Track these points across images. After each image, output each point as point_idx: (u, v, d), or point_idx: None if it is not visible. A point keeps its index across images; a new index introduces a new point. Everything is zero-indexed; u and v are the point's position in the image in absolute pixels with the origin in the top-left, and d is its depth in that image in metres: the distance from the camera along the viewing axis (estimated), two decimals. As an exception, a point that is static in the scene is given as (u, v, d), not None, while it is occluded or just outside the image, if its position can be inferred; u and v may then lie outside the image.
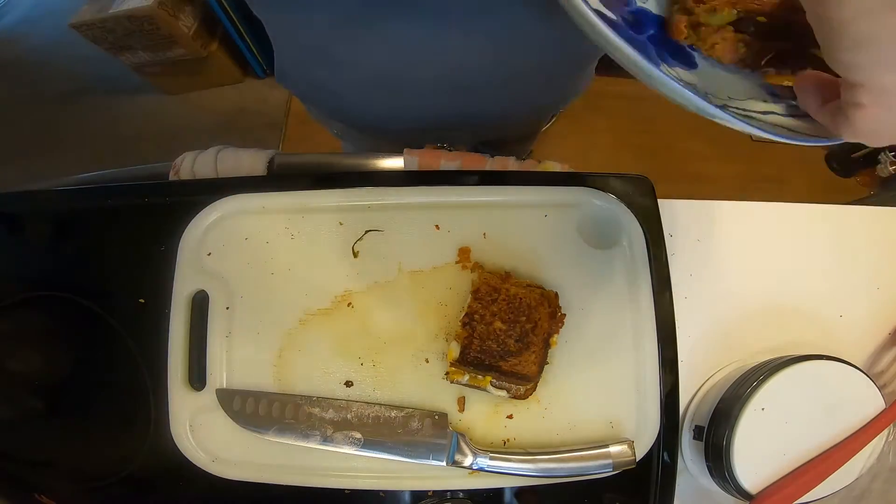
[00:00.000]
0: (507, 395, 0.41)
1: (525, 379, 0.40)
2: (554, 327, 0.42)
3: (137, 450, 0.44)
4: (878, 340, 0.51)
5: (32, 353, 0.47)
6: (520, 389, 0.41)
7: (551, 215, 0.48)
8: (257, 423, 0.41)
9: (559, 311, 0.43)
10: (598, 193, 0.49)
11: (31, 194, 0.52)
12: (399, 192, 0.49)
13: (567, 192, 0.49)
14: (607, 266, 0.47)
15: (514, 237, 0.48)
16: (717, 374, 0.49)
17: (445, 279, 0.46)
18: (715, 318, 0.50)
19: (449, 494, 0.42)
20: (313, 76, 0.58)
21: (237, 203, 0.47)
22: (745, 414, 0.42)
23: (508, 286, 0.41)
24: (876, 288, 0.52)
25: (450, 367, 0.41)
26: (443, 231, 0.48)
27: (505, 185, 0.49)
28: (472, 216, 0.48)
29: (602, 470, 0.39)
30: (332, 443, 0.40)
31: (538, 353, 0.40)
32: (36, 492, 0.43)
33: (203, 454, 0.42)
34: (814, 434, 0.43)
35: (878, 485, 0.44)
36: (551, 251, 0.47)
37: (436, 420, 0.41)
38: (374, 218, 0.48)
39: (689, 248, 0.52)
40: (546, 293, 0.42)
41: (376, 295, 0.46)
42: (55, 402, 0.46)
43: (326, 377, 0.44)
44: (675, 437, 0.44)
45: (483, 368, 0.40)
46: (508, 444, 0.42)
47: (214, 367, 0.44)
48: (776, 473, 0.42)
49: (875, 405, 0.43)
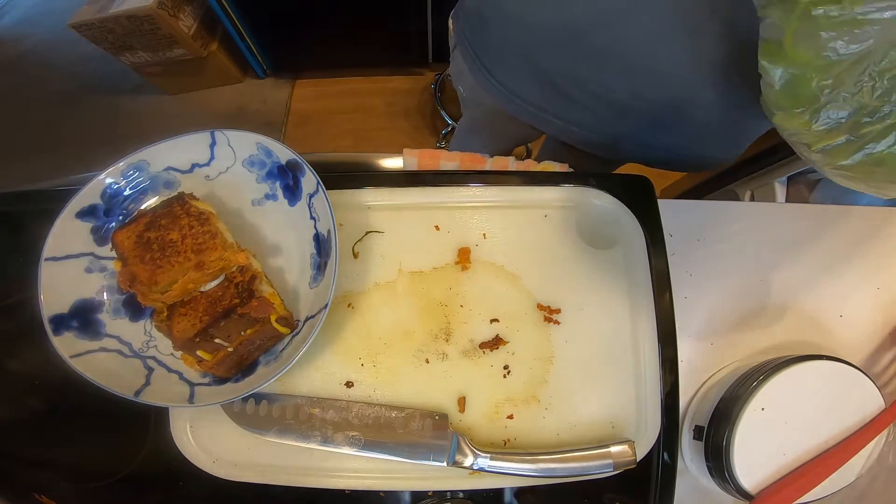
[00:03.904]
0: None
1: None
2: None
3: (137, 450, 0.44)
4: (878, 340, 0.51)
5: (33, 352, 0.47)
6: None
7: (551, 215, 0.48)
8: (258, 425, 0.41)
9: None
10: (598, 193, 0.49)
11: (31, 194, 0.52)
12: (399, 192, 0.49)
13: (567, 192, 0.49)
14: (607, 266, 0.47)
15: (514, 237, 0.48)
16: (717, 374, 0.49)
17: (445, 279, 0.46)
18: (715, 318, 0.50)
19: (449, 495, 0.42)
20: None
21: (237, 203, 0.47)
22: (745, 414, 0.42)
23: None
24: (876, 288, 0.52)
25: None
26: (443, 231, 0.48)
27: (505, 186, 0.49)
28: (471, 216, 0.48)
29: (602, 470, 0.39)
30: (333, 443, 0.40)
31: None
32: (36, 492, 0.43)
33: (203, 454, 0.42)
34: (814, 434, 0.43)
35: (878, 485, 0.44)
36: (551, 251, 0.47)
37: (436, 420, 0.41)
38: (374, 219, 0.48)
39: (689, 248, 0.52)
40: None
41: (376, 295, 0.46)
42: (55, 402, 0.46)
43: (327, 378, 0.44)
44: (675, 437, 0.44)
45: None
46: (509, 444, 0.42)
47: (214, 367, 0.44)
48: (776, 473, 0.42)
49: (875, 405, 0.43)
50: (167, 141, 0.44)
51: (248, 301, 0.38)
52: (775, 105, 0.33)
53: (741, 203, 0.53)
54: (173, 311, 0.39)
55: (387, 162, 0.57)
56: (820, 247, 0.53)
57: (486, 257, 0.47)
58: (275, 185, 0.46)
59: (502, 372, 0.44)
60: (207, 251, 0.39)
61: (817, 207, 0.54)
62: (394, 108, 1.83)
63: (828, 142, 0.31)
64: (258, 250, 0.44)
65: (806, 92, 0.30)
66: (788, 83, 0.30)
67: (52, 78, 1.89)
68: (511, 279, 0.46)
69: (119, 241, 0.40)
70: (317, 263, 0.44)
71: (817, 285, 0.51)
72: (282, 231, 0.45)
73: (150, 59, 1.64)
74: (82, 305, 0.41)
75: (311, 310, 0.42)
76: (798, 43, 0.29)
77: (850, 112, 0.29)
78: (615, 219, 0.48)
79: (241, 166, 0.46)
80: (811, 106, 0.30)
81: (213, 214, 0.42)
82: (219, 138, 0.45)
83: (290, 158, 0.44)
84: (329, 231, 0.42)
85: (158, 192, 0.45)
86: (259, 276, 0.41)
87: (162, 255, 0.38)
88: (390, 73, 1.86)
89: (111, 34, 1.51)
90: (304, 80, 1.87)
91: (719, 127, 0.50)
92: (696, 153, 0.55)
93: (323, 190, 0.42)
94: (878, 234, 0.53)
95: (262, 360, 0.42)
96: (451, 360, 0.44)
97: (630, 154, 0.58)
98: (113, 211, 0.44)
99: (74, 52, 1.84)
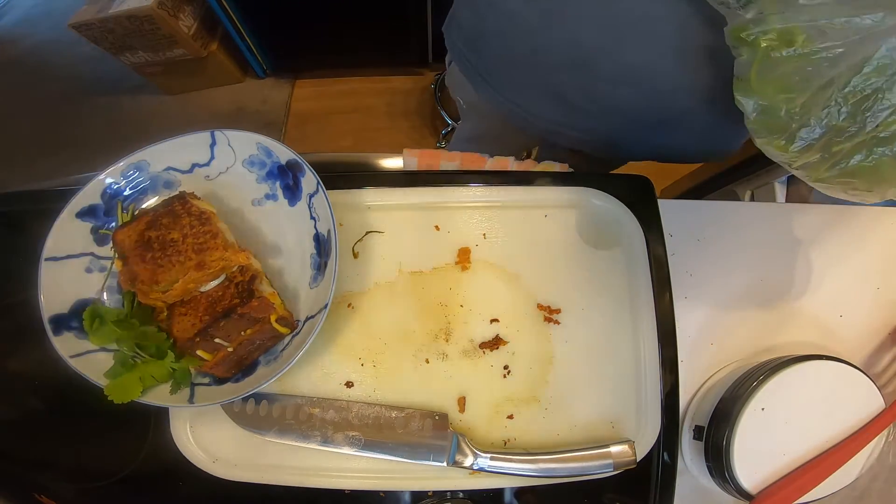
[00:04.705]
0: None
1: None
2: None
3: (137, 450, 0.44)
4: (878, 340, 0.51)
5: (33, 352, 0.47)
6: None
7: (551, 215, 0.48)
8: (258, 425, 0.41)
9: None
10: (598, 193, 0.49)
11: (31, 194, 0.52)
12: (399, 192, 0.49)
13: (567, 192, 0.49)
14: (607, 266, 0.47)
15: (514, 237, 0.48)
16: (717, 374, 0.49)
17: (445, 279, 0.46)
18: (715, 318, 0.50)
19: (449, 495, 0.42)
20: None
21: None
22: (745, 414, 0.42)
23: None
24: (876, 288, 0.52)
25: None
26: (443, 231, 0.48)
27: (505, 186, 0.49)
28: (471, 216, 0.48)
29: (603, 470, 0.39)
30: (333, 443, 0.40)
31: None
32: (36, 492, 0.43)
33: (203, 454, 0.42)
34: (814, 434, 0.43)
35: (878, 485, 0.44)
36: (551, 251, 0.47)
37: (436, 420, 0.41)
38: (374, 219, 0.48)
39: (689, 248, 0.52)
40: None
41: (376, 295, 0.46)
42: (55, 402, 0.46)
43: (327, 378, 0.44)
44: (675, 437, 0.44)
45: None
46: (509, 444, 0.42)
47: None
48: (776, 473, 0.42)
49: (875, 405, 0.43)
50: (167, 141, 0.44)
51: (248, 301, 0.38)
52: (754, 132, 0.36)
53: (741, 203, 0.53)
54: (173, 310, 0.39)
55: (387, 162, 0.57)
56: (820, 247, 0.53)
57: (486, 257, 0.47)
58: (275, 185, 0.46)
59: (502, 372, 0.44)
60: (208, 251, 0.39)
61: (817, 207, 0.54)
62: (394, 108, 1.83)
63: (805, 160, 0.34)
64: (258, 250, 0.44)
65: (776, 120, 0.33)
66: (760, 113, 0.34)
67: (52, 78, 1.89)
68: (511, 279, 0.46)
69: (120, 241, 0.40)
70: (317, 263, 0.44)
71: (817, 285, 0.51)
72: (282, 231, 0.45)
73: (150, 59, 1.64)
74: (82, 305, 0.41)
75: (311, 310, 0.42)
76: (762, 78, 0.32)
77: (821, 133, 0.32)
78: (615, 219, 0.48)
79: (241, 166, 0.46)
80: (784, 132, 0.33)
81: (214, 214, 0.42)
82: (219, 138, 0.45)
83: (290, 158, 0.44)
84: (329, 231, 0.42)
85: (158, 192, 0.45)
86: (259, 276, 0.41)
87: (163, 255, 0.39)
88: (390, 73, 1.86)
89: (111, 34, 1.51)
90: (304, 80, 1.87)
91: (727, 124, 0.51)
92: (702, 149, 0.57)
93: (323, 190, 0.42)
94: (878, 234, 0.53)
95: (262, 360, 0.42)
96: (451, 360, 0.44)
97: (639, 155, 0.58)
98: (113, 211, 0.44)
99: (74, 52, 1.84)
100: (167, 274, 0.38)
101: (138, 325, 0.40)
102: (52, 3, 2.06)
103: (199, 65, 1.70)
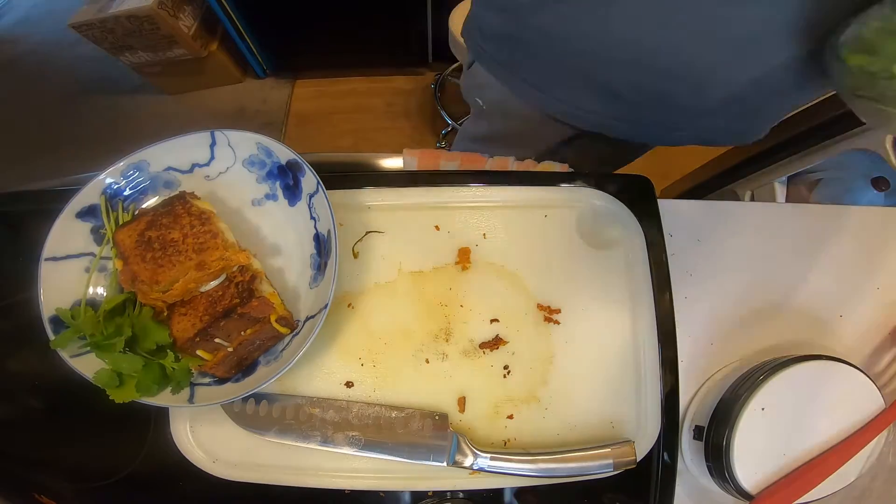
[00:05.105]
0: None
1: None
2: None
3: (137, 450, 0.44)
4: (878, 340, 0.51)
5: (33, 352, 0.47)
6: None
7: (551, 215, 0.48)
8: (258, 425, 0.41)
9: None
10: (598, 193, 0.49)
11: (31, 194, 0.52)
12: (399, 192, 0.49)
13: (567, 192, 0.49)
14: (607, 266, 0.47)
15: (514, 237, 0.48)
16: (717, 374, 0.49)
17: (445, 279, 0.46)
18: (715, 318, 0.50)
19: (449, 495, 0.42)
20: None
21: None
22: (745, 414, 0.42)
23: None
24: (876, 288, 0.52)
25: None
26: (443, 231, 0.48)
27: (505, 186, 0.49)
28: (471, 216, 0.48)
29: (603, 470, 0.39)
30: (333, 443, 0.40)
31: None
32: (36, 492, 0.43)
33: (203, 454, 0.42)
34: (814, 434, 0.43)
35: (878, 485, 0.44)
36: (551, 251, 0.47)
37: (436, 420, 0.41)
38: (374, 219, 0.48)
39: (689, 248, 0.52)
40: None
41: (376, 295, 0.46)
42: (55, 402, 0.46)
43: (327, 378, 0.44)
44: (675, 437, 0.44)
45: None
46: (509, 444, 0.42)
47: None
48: (776, 473, 0.42)
49: (875, 405, 0.43)
50: (167, 141, 0.44)
51: (248, 301, 0.38)
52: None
53: (741, 203, 0.53)
54: (173, 310, 0.39)
55: (387, 162, 0.57)
56: (820, 247, 0.53)
57: (486, 257, 0.47)
58: (275, 185, 0.46)
59: (502, 372, 0.44)
60: (208, 251, 0.39)
61: (817, 207, 0.54)
62: (394, 108, 1.83)
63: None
64: (258, 250, 0.44)
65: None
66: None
67: (52, 78, 1.90)
68: (511, 279, 0.46)
69: (120, 240, 0.40)
70: (317, 263, 0.44)
71: (817, 285, 0.51)
72: (282, 231, 0.45)
73: (150, 59, 1.64)
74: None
75: (312, 310, 0.42)
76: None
77: None
78: (615, 219, 0.48)
79: (241, 166, 0.46)
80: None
81: (214, 214, 0.42)
82: (219, 138, 0.45)
83: (290, 158, 0.44)
84: (329, 231, 0.42)
85: (158, 192, 0.45)
86: (259, 276, 0.41)
87: (163, 255, 0.39)
88: (390, 73, 1.86)
89: (111, 34, 1.51)
90: (304, 80, 1.87)
91: (767, 107, 0.52)
92: (738, 131, 0.56)
93: (323, 190, 0.42)
94: (878, 234, 0.53)
95: (262, 360, 0.42)
96: (451, 360, 0.44)
97: (678, 140, 0.58)
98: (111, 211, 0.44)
99: (74, 52, 1.84)
100: (167, 274, 0.38)
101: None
102: (52, 3, 2.06)
103: (198, 65, 1.71)
